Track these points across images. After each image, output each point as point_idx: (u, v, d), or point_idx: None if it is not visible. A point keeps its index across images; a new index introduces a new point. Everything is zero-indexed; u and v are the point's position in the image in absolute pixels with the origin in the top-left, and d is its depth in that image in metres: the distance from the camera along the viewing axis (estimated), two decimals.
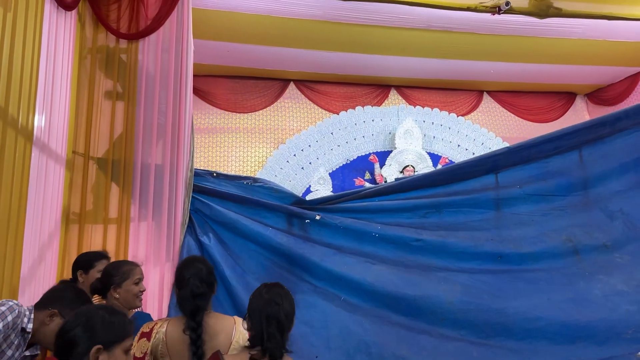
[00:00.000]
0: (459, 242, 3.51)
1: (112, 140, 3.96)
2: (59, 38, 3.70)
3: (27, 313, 2.14)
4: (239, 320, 2.25)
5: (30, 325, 2.12)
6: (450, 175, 3.80)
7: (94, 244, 3.85)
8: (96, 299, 2.67)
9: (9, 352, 2.08)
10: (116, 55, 4.16)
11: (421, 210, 3.72)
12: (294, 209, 3.85)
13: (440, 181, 3.80)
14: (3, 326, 2.00)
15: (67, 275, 3.51)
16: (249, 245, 3.75)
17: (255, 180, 4.08)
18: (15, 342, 2.10)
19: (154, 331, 2.18)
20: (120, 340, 1.56)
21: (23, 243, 3.10)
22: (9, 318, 2.04)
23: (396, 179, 4.05)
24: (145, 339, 2.17)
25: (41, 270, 3.39)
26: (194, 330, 2.10)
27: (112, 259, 3.08)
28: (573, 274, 3.22)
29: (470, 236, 3.53)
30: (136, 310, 2.75)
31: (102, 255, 2.98)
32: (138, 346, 2.16)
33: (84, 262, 2.88)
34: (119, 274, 2.56)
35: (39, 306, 2.19)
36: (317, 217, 3.80)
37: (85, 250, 3.71)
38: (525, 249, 3.40)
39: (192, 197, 3.95)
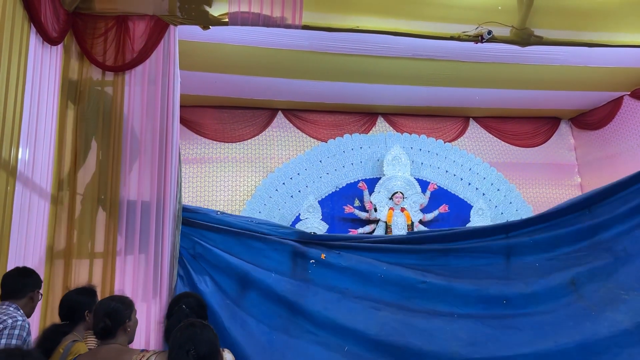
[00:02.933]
0: (464, 286, 3.50)
1: (98, 173, 3.93)
2: (44, 72, 3.70)
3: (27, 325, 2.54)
4: (225, 353, 2.20)
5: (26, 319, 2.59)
6: (462, 236, 3.83)
7: (79, 279, 3.78)
8: (91, 343, 2.63)
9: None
10: (102, 88, 4.16)
11: (428, 252, 3.73)
12: (299, 247, 3.79)
13: (451, 238, 3.82)
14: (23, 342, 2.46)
15: (53, 312, 3.44)
16: (250, 294, 3.67)
17: (260, 220, 4.06)
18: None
19: None
20: None
21: None
22: (24, 334, 2.47)
23: (408, 234, 4.05)
24: None
25: None
26: None
27: (98, 294, 3.03)
28: (579, 314, 3.24)
29: (476, 280, 3.54)
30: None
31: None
32: None
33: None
34: (128, 308, 2.49)
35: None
36: (322, 257, 3.75)
37: (71, 285, 3.64)
38: (530, 292, 3.42)
39: (194, 240, 3.87)
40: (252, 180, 8.06)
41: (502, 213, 8.33)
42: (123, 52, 4.23)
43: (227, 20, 4.76)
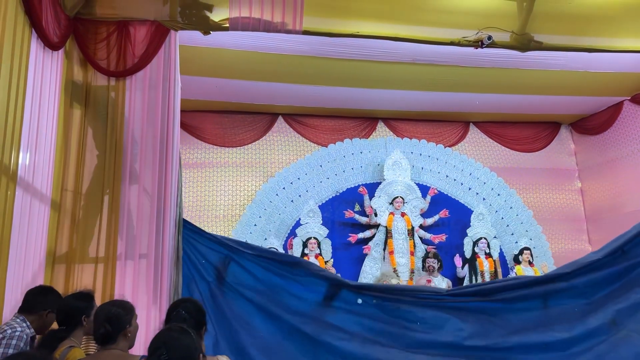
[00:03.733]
0: (504, 334, 3.51)
1: (99, 178, 3.93)
2: (45, 77, 3.71)
3: (28, 331, 2.67)
4: (222, 359, 2.19)
5: (32, 331, 2.72)
6: (499, 289, 3.82)
7: (80, 284, 3.77)
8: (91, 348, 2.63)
9: None
10: (103, 93, 4.17)
11: (467, 303, 3.71)
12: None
13: (488, 291, 3.80)
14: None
15: None
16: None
17: (297, 263, 3.91)
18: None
19: None
20: None
21: (5, 284, 3.03)
22: (21, 344, 2.57)
23: (447, 291, 4.01)
24: None
25: None
26: None
27: (98, 299, 3.03)
28: (620, 341, 3.28)
29: (516, 327, 3.56)
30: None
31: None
32: None
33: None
34: (129, 313, 2.49)
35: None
36: (359, 301, 3.73)
37: (71, 289, 3.64)
38: (571, 336, 3.44)
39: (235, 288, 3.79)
40: (253, 184, 8.06)
41: (502, 218, 8.33)
42: (124, 58, 4.24)
43: (227, 25, 4.77)
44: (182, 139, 6.79)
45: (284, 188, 7.87)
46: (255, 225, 7.65)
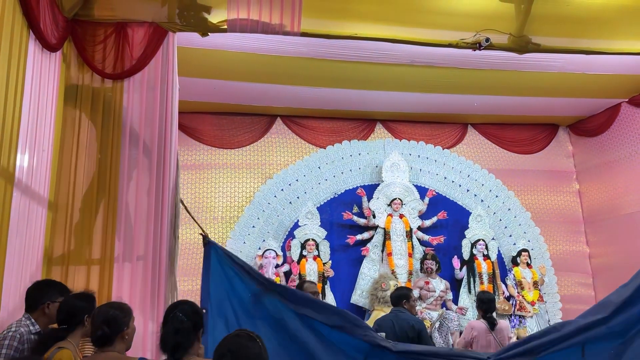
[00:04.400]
0: None
1: (97, 180, 3.93)
2: (43, 79, 3.71)
3: (26, 329, 2.70)
4: None
5: (37, 327, 2.77)
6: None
7: (77, 286, 3.77)
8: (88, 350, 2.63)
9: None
10: (101, 95, 4.17)
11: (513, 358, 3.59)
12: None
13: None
14: (14, 350, 2.59)
15: None
16: None
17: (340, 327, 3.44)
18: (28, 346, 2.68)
19: None
20: None
21: (2, 286, 3.02)
22: (14, 343, 2.60)
23: (491, 356, 3.84)
24: None
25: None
26: None
27: (97, 300, 3.02)
28: None
29: None
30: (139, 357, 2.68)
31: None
32: None
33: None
34: (127, 315, 2.50)
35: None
36: None
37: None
38: None
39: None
40: (251, 186, 8.05)
41: (500, 219, 8.34)
42: (122, 59, 4.25)
43: (225, 27, 4.78)
44: (180, 140, 6.78)
45: (282, 190, 7.87)
46: (253, 226, 7.65)
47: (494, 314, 4.97)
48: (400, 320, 4.50)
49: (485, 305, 4.90)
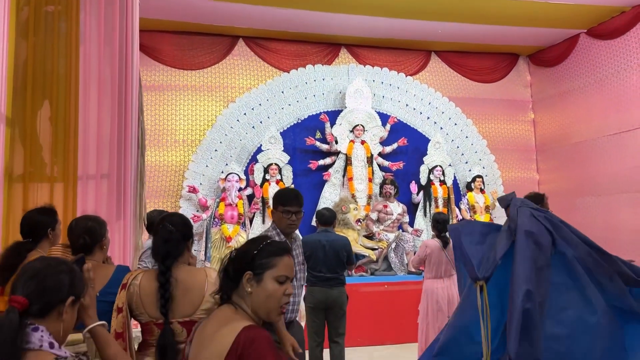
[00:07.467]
0: None
1: (56, 96, 3.82)
2: None
3: None
4: (209, 271, 2.27)
5: None
6: None
7: (39, 203, 3.75)
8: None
9: None
10: (55, 13, 3.95)
11: None
12: None
13: None
14: None
15: (14, 233, 3.45)
16: None
17: None
18: None
19: (129, 282, 2.19)
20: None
21: None
22: None
23: None
24: (124, 290, 2.18)
25: None
26: (163, 274, 2.12)
27: (60, 218, 3.04)
28: None
29: None
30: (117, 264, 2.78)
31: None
32: (119, 297, 2.18)
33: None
34: (102, 227, 2.58)
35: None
36: None
37: (31, 208, 3.62)
38: None
39: None
40: (213, 109, 7.96)
41: (458, 147, 8.60)
42: None
43: None
44: (140, 60, 6.56)
45: (245, 114, 7.82)
46: (216, 150, 7.65)
47: (447, 234, 5.25)
48: (331, 239, 4.78)
49: (440, 225, 5.17)
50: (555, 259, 1.95)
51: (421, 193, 8.06)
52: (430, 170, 8.07)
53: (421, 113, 8.51)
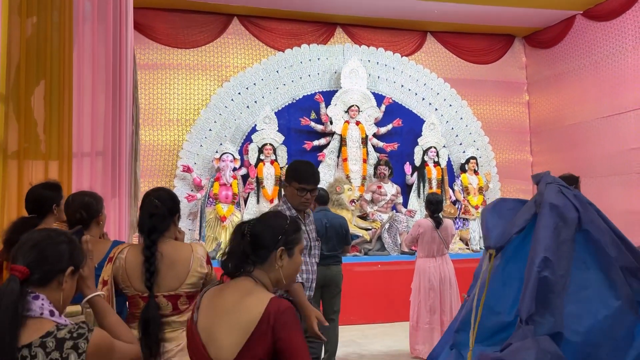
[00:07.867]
0: None
1: (50, 74, 3.79)
2: None
3: None
4: (195, 246, 2.30)
5: None
6: None
7: (35, 179, 3.75)
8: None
9: None
10: None
11: None
12: None
13: None
14: None
15: (9, 209, 3.46)
16: None
17: None
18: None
19: (115, 256, 2.21)
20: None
21: None
22: None
23: None
24: (110, 263, 2.21)
25: None
26: (149, 248, 2.13)
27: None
28: None
29: None
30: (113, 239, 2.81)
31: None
32: (105, 270, 2.20)
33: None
34: (99, 202, 2.62)
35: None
36: None
37: (26, 185, 3.62)
38: None
39: None
40: (207, 88, 7.92)
41: (452, 128, 8.62)
42: None
43: None
44: (133, 38, 6.50)
45: (239, 93, 7.78)
46: (210, 130, 7.63)
47: (441, 215, 5.31)
48: (330, 218, 4.82)
49: (434, 206, 5.22)
50: (580, 236, 1.91)
51: (415, 174, 8.10)
52: (425, 152, 8.09)
53: (416, 94, 8.51)
